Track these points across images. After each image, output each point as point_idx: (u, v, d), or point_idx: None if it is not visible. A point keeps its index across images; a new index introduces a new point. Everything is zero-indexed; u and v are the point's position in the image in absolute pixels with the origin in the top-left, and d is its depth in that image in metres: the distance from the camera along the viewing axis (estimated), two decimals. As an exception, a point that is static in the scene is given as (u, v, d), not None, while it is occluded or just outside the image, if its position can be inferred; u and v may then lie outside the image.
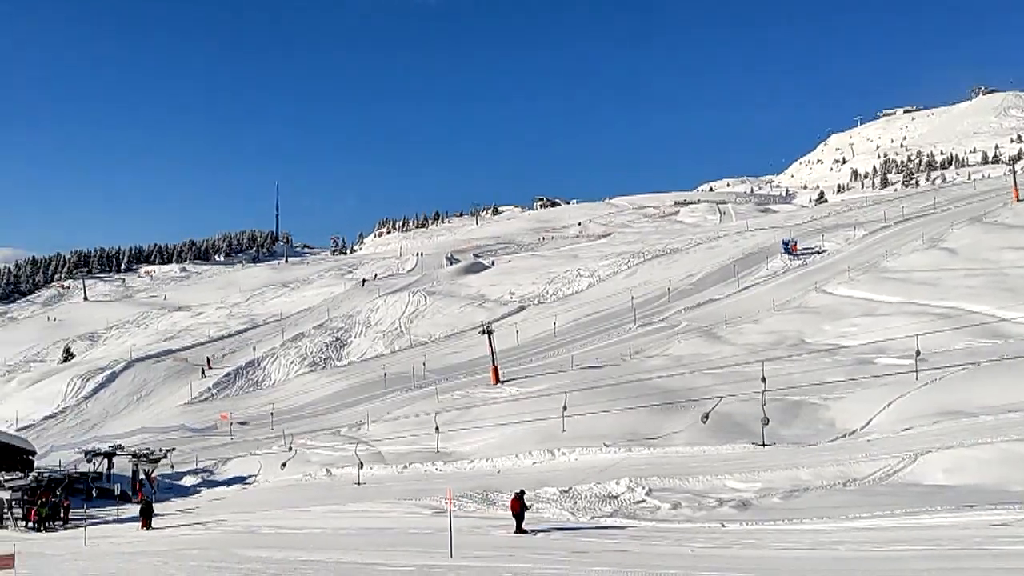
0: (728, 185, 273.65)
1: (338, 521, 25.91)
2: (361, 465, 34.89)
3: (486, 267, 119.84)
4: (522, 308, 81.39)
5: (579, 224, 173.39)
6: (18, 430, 53.95)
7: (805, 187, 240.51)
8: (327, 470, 37.01)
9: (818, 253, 74.74)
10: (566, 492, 26.12)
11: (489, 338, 51.43)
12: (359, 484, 33.51)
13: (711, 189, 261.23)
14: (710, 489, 24.78)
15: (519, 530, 21.38)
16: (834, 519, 19.65)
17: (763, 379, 30.54)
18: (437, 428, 37.49)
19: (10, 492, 34.10)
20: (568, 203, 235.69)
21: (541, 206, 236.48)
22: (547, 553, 18.92)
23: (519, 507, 21.61)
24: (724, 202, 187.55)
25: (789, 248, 76.61)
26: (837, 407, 32.32)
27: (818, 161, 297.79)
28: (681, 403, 34.53)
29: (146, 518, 29.71)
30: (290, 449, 42.24)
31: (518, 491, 22.63)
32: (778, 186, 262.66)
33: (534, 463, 32.47)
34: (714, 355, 46.05)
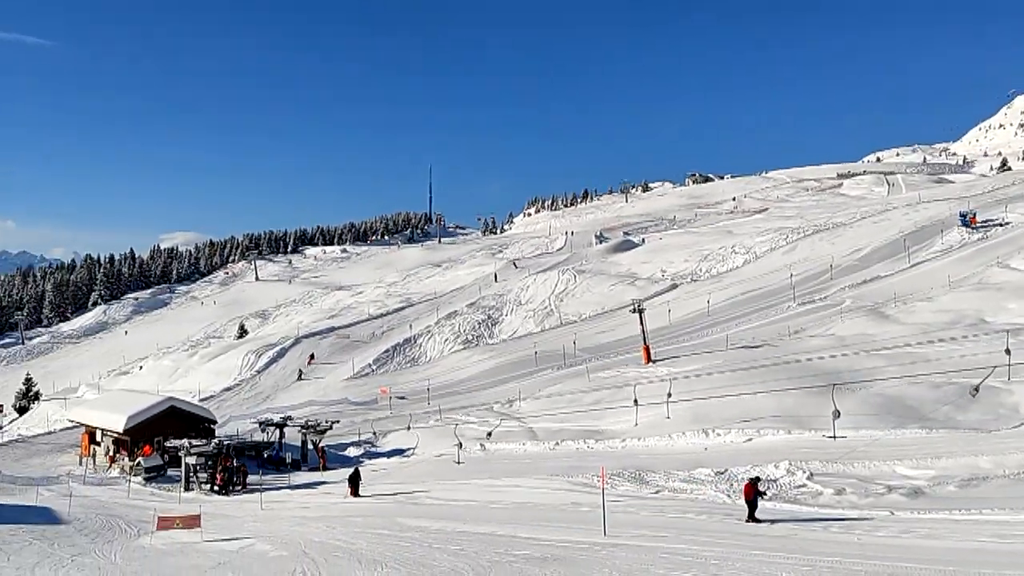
0: (897, 154, 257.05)
1: (492, 495, 26.40)
2: (460, 446, 35.71)
3: (636, 245, 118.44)
4: (674, 286, 79.94)
5: (734, 199, 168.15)
6: (200, 400, 58.29)
7: (985, 154, 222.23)
8: (481, 444, 37.79)
9: (1000, 225, 69.00)
10: (721, 474, 25.48)
11: (640, 317, 50.75)
12: (459, 463, 34.09)
13: (878, 159, 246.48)
14: (877, 475, 23.47)
15: (751, 518, 19.86)
16: (1017, 510, 18.13)
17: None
18: (588, 407, 37.44)
19: (195, 458, 36.87)
20: (722, 178, 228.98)
21: (693, 181, 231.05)
22: (697, 533, 18.50)
23: (752, 493, 20.09)
24: (892, 173, 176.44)
25: (967, 220, 71.18)
26: (1021, 391, 29.78)
27: (1000, 126, 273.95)
28: (845, 385, 32.83)
29: (354, 486, 29.93)
30: (454, 431, 43.41)
31: (752, 477, 21.47)
32: (954, 154, 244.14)
33: (687, 444, 31.86)
34: (881, 335, 43.40)
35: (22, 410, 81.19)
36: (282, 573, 17.52)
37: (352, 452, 42.80)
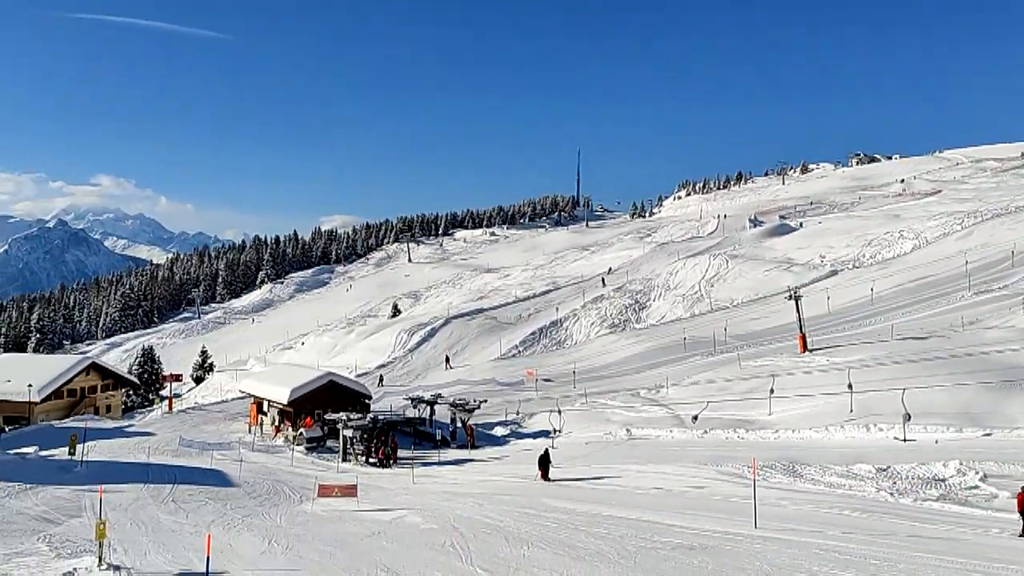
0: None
1: (638, 480, 26.14)
2: (629, 433, 35.11)
3: (793, 229, 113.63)
4: (834, 273, 76.26)
5: (902, 181, 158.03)
6: (356, 376, 60.96)
7: None
8: (627, 430, 37.51)
9: None
10: (883, 471, 24.08)
11: (796, 304, 48.67)
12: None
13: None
14: (1064, 481, 21.44)
15: None
16: None
17: None
18: (739, 396, 36.36)
19: (352, 431, 38.64)
20: (889, 158, 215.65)
21: (857, 162, 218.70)
22: (854, 531, 17.55)
23: None
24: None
25: None
26: None
27: None
28: (1026, 381, 30.25)
29: (543, 468, 28.08)
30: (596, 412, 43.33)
31: None
32: None
33: (846, 437, 30.35)
34: (1070, 328, 39.69)
35: (198, 380, 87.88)
36: (433, 545, 18.05)
37: (499, 431, 43.55)
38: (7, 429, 49.32)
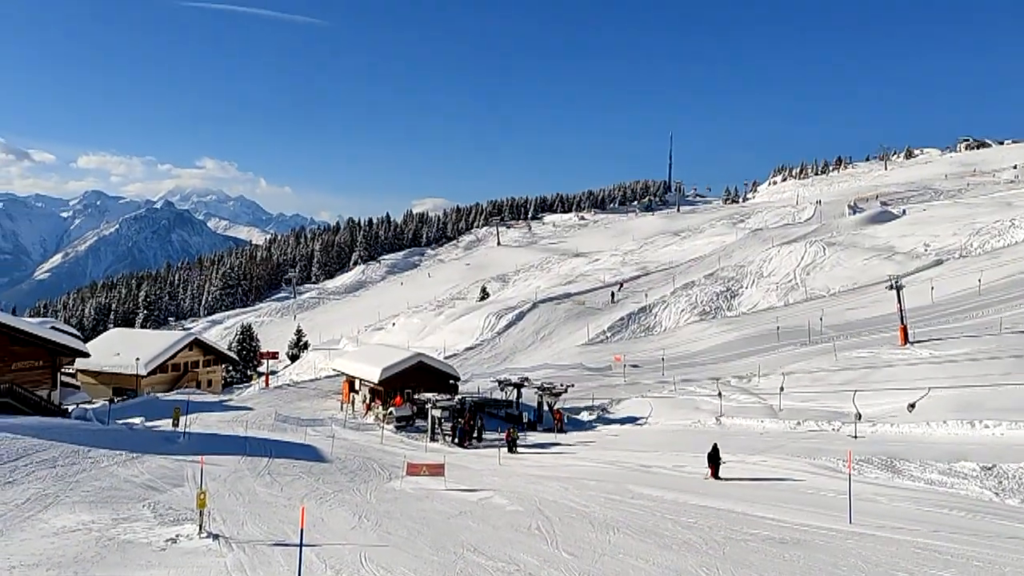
0: None
1: (726, 470, 25.69)
2: (719, 422, 34.24)
3: (895, 216, 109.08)
4: (939, 262, 72.90)
5: (1015, 167, 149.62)
6: (445, 358, 61.81)
7: None
8: (716, 419, 36.90)
9: None
10: (988, 470, 22.95)
11: (898, 294, 46.75)
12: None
13: None
14: None
15: None
16: None
17: None
18: (835, 387, 35.25)
19: (440, 411, 39.27)
20: (1001, 143, 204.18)
21: (966, 147, 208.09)
22: (957, 530, 16.79)
23: None
24: None
25: None
26: None
27: None
28: None
29: (714, 465, 25.32)
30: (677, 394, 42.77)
31: None
32: None
33: (948, 433, 29.06)
34: None
35: (293, 358, 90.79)
36: (518, 527, 18.17)
37: (585, 416, 43.49)
38: (116, 400, 52.08)
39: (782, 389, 38.25)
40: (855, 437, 30.04)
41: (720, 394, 39.33)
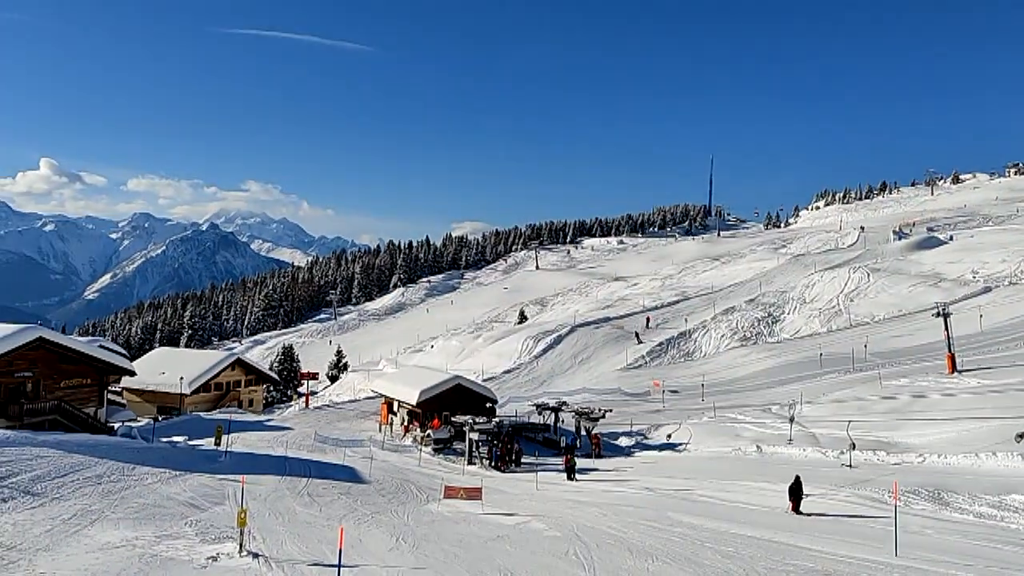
0: None
1: (767, 499, 25.27)
2: (760, 449, 33.55)
3: (942, 242, 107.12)
4: (988, 289, 71.36)
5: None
6: (483, 381, 61.78)
7: None
8: (757, 446, 36.34)
9: None
10: (1042, 504, 22.27)
11: (945, 321, 45.83)
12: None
13: None
14: None
15: None
16: None
17: None
18: (880, 416, 34.51)
19: (478, 434, 39.18)
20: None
21: (1016, 172, 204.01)
22: (1007, 566, 16.28)
23: None
24: None
25: None
26: None
27: None
28: None
29: (795, 499, 23.63)
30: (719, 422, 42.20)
31: None
32: None
33: (999, 465, 28.26)
34: None
35: (333, 379, 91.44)
36: (555, 552, 18.05)
37: (624, 442, 43.10)
38: (160, 418, 52.91)
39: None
40: (898, 464, 29.37)
41: (792, 419, 38.20)
